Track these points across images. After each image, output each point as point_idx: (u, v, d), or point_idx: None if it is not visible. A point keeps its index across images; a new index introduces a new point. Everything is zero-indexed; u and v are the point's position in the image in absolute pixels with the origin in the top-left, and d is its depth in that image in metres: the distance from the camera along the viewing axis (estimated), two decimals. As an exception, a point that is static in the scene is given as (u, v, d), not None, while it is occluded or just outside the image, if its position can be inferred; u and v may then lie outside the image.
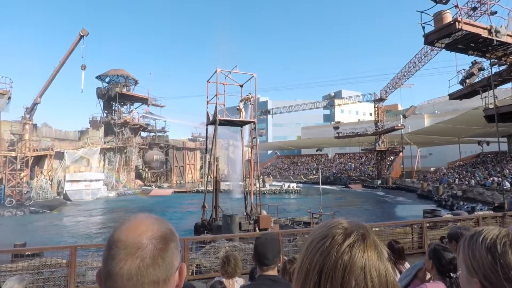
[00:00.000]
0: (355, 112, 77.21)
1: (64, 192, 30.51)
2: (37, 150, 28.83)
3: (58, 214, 24.19)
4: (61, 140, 33.77)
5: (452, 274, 2.02)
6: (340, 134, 46.59)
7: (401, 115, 43.49)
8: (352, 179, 46.75)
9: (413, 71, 34.22)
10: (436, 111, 57.76)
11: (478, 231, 0.86)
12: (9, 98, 27.69)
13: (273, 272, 1.76)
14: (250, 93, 14.78)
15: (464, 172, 31.43)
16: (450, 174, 33.00)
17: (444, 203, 23.76)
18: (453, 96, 19.32)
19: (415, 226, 8.65)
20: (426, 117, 54.35)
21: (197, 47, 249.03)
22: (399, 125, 39.41)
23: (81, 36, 29.15)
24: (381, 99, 42.16)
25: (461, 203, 22.21)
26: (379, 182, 40.92)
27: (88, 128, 38.97)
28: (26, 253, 7.06)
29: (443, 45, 13.91)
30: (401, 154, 44.64)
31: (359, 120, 68.12)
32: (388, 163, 46.22)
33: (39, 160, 29.78)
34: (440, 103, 61.49)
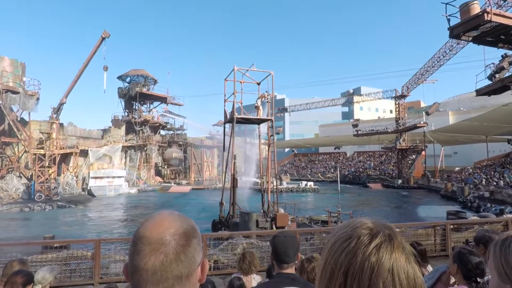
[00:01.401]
0: (374, 109, 75.39)
1: (89, 188, 31.74)
2: (63, 148, 30.15)
3: (83, 209, 25.21)
4: (85, 139, 35.08)
5: (478, 279, 1.95)
6: (359, 132, 45.64)
7: (423, 112, 42.11)
8: (372, 178, 45.72)
9: (437, 66, 32.91)
10: (462, 108, 55.41)
11: (511, 235, 0.81)
12: (38, 99, 29.13)
13: (291, 270, 1.76)
14: (266, 91, 14.76)
15: (492, 172, 29.99)
16: (476, 174, 31.59)
17: (469, 204, 22.78)
18: (480, 92, 18.45)
19: (438, 227, 8.35)
20: (450, 114, 52.27)
21: (214, 45, 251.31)
22: (422, 122, 38.10)
23: (103, 38, 30.07)
24: (403, 96, 40.90)
25: (489, 205, 21.21)
26: (399, 181, 39.80)
27: (110, 127, 40.22)
28: (55, 245, 7.40)
29: (470, 38, 13.33)
30: (423, 152, 43.18)
31: (379, 117, 66.35)
32: (409, 162, 44.82)
33: (65, 158, 31.12)
34: (466, 99, 58.94)
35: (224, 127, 16.12)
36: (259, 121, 15.07)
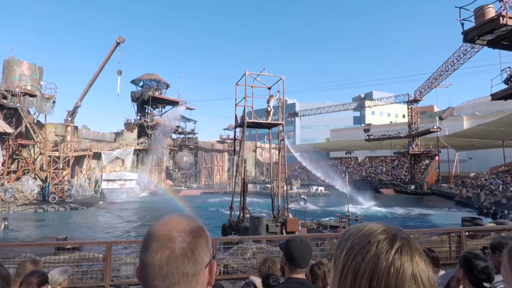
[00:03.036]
0: (387, 114, 74.36)
1: (101, 191, 32.25)
2: (77, 151, 30.80)
3: (96, 211, 25.63)
4: (98, 141, 35.76)
5: (485, 284, 1.90)
6: (371, 137, 45.06)
7: (437, 117, 41.24)
8: (384, 184, 44.98)
9: (451, 70, 32.29)
10: (477, 113, 54.07)
11: None
12: (54, 102, 29.91)
13: (302, 275, 1.74)
14: (278, 91, 14.62)
15: (509, 178, 29.09)
16: (492, 180, 30.68)
17: (485, 211, 22.12)
18: (496, 97, 17.95)
19: (453, 234, 8.12)
20: (465, 119, 51.09)
21: (226, 50, 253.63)
22: (435, 127, 37.37)
23: (118, 43, 30.70)
24: (415, 100, 40.25)
25: (506, 211, 20.56)
26: (412, 187, 39.01)
27: (123, 130, 40.90)
28: (67, 247, 7.52)
29: (485, 42, 13.06)
30: (437, 158, 42.26)
31: (391, 122, 65.42)
32: (422, 167, 43.93)
33: (79, 160, 31.78)
34: (481, 104, 57.48)
35: (235, 131, 16.17)
36: (269, 126, 15.07)
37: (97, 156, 33.44)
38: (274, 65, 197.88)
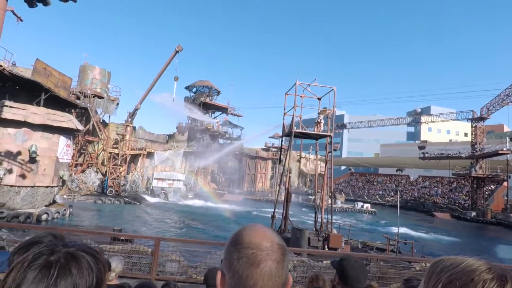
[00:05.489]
0: (445, 131, 68.41)
1: (151, 188, 34.40)
2: (134, 149, 33.37)
3: (145, 207, 27.37)
4: (152, 142, 38.30)
5: None
6: (426, 155, 41.69)
7: (507, 138, 36.81)
8: (438, 207, 41.13)
9: (528, 86, 28.72)
10: (559, 135, 47.07)
11: None
12: (118, 104, 32.94)
13: (357, 298, 1.65)
14: (327, 107, 14.45)
15: None
16: None
17: None
18: None
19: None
20: (543, 141, 44.74)
21: (277, 59, 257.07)
22: (505, 149, 33.32)
23: (177, 51, 32.86)
24: (482, 118, 36.42)
25: None
26: (473, 214, 35.04)
27: (174, 133, 43.34)
28: (121, 238, 8.10)
29: None
30: (505, 183, 37.57)
31: (450, 140, 59.99)
32: (486, 192, 39.29)
33: (134, 158, 34.36)
34: None
35: (282, 140, 16.15)
36: (317, 136, 14.80)
37: (150, 155, 35.81)
38: (324, 74, 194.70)
